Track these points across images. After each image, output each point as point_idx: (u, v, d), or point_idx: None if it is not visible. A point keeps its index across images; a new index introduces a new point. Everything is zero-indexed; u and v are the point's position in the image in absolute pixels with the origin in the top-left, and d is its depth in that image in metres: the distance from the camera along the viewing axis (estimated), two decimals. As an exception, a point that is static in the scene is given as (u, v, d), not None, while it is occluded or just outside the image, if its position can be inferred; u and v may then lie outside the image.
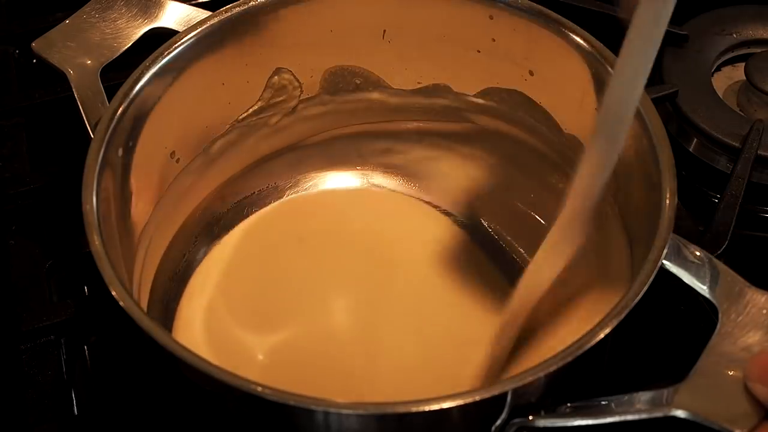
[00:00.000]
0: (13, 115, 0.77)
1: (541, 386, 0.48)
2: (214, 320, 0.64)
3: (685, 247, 0.54)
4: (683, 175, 0.75)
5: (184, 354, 0.47)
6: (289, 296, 0.65)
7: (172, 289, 0.65)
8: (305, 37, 0.68)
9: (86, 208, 0.53)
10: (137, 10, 0.66)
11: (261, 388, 0.45)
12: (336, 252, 0.68)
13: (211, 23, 0.63)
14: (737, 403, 0.46)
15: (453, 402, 0.45)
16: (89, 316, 0.64)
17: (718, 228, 0.68)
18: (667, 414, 0.46)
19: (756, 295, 0.51)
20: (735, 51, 0.83)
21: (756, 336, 0.49)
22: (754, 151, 0.73)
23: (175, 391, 0.58)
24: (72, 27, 0.65)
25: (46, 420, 0.59)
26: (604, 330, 0.48)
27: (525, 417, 0.49)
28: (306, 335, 0.63)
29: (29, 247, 0.68)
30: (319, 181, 0.73)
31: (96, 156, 0.56)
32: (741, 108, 0.79)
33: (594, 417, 0.48)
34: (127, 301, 0.49)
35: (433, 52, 0.69)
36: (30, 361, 0.62)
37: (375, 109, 0.73)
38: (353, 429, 0.48)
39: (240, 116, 0.69)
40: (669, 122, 0.77)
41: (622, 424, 0.47)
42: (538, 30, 0.64)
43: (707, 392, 0.46)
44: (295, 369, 0.61)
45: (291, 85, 0.70)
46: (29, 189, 0.72)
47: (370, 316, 0.64)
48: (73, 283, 0.68)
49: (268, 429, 0.51)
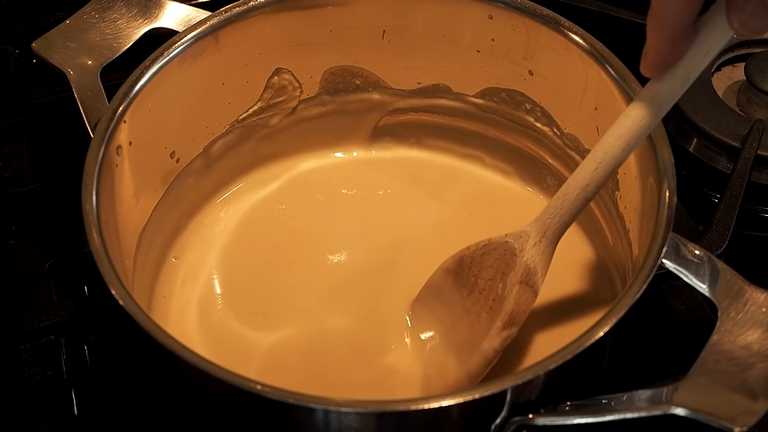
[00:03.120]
0: (12, 115, 0.77)
1: (541, 384, 0.48)
2: (211, 317, 0.64)
3: (684, 246, 0.54)
4: (683, 175, 0.75)
5: (184, 353, 0.47)
6: (289, 293, 0.65)
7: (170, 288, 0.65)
8: (305, 37, 0.68)
9: (86, 208, 0.53)
10: (137, 10, 0.67)
11: (261, 386, 0.46)
12: (335, 249, 0.68)
13: (211, 23, 0.63)
14: (737, 401, 0.46)
15: (453, 400, 0.45)
16: (89, 316, 0.64)
17: (718, 228, 0.68)
18: (667, 412, 0.46)
19: (755, 293, 0.51)
20: (735, 51, 0.83)
21: (755, 334, 0.49)
22: (754, 151, 0.73)
23: (175, 391, 0.58)
24: (72, 27, 0.66)
25: (46, 420, 0.59)
26: (604, 328, 0.48)
27: (525, 415, 0.49)
28: (305, 332, 0.63)
29: (29, 247, 0.68)
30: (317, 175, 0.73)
31: (96, 156, 0.56)
32: (741, 108, 0.79)
33: (594, 415, 0.48)
34: (127, 300, 0.49)
35: (433, 52, 0.69)
36: (30, 361, 0.62)
37: (375, 109, 0.73)
38: (353, 427, 0.48)
39: (240, 116, 0.69)
40: (669, 122, 0.77)
41: (622, 422, 0.47)
42: (537, 30, 0.64)
43: (707, 390, 0.46)
44: (293, 365, 0.61)
45: (291, 85, 0.70)
46: (29, 189, 0.72)
47: (373, 308, 0.64)
48: (73, 283, 0.68)
49: (268, 427, 0.51)
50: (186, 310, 0.64)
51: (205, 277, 0.66)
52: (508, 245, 0.59)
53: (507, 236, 0.59)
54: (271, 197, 0.71)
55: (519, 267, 0.58)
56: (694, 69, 0.50)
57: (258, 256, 0.67)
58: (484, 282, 0.59)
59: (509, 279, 0.58)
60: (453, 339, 0.60)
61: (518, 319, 0.58)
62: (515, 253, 0.58)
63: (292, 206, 0.71)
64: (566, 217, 0.57)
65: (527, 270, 0.58)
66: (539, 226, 0.58)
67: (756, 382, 0.47)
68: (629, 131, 0.53)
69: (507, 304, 0.58)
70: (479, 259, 0.60)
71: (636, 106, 0.53)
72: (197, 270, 0.66)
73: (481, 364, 0.57)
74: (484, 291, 0.59)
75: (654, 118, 0.53)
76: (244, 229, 0.69)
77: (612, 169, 0.55)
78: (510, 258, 0.58)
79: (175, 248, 0.67)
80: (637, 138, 0.53)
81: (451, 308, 0.61)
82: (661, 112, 0.52)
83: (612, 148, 0.54)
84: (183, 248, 0.68)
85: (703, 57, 0.50)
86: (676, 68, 0.50)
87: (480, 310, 0.59)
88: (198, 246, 0.68)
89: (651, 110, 0.52)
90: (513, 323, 0.57)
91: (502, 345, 0.57)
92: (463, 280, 0.60)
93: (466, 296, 0.60)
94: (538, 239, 0.58)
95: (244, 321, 0.63)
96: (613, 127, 0.54)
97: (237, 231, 0.69)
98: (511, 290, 0.58)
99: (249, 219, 0.70)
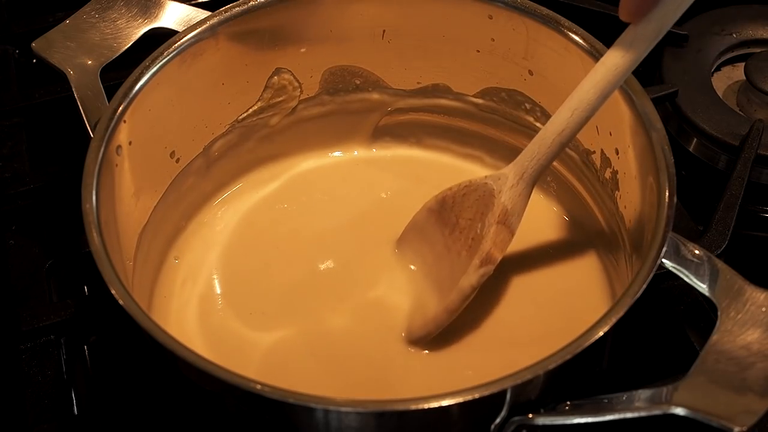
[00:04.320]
0: (12, 115, 0.77)
1: (541, 384, 0.48)
2: (211, 317, 0.64)
3: (684, 246, 0.54)
4: (683, 175, 0.75)
5: (184, 353, 0.47)
6: (289, 293, 0.65)
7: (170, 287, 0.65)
8: (305, 37, 0.68)
9: (86, 208, 0.53)
10: (137, 10, 0.67)
11: (260, 386, 0.46)
12: (335, 249, 0.68)
13: (211, 23, 0.63)
14: (737, 401, 0.46)
15: (452, 400, 0.45)
16: (89, 315, 0.64)
17: (718, 228, 0.68)
18: (667, 411, 0.46)
19: (755, 293, 0.51)
20: (735, 51, 0.83)
21: (755, 334, 0.49)
22: (754, 151, 0.73)
23: (175, 391, 0.58)
24: (72, 27, 0.66)
25: (46, 420, 0.60)
26: (604, 328, 0.48)
27: (525, 415, 0.49)
28: (305, 332, 0.63)
29: (29, 247, 0.68)
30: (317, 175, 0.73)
31: (96, 156, 0.56)
32: (741, 108, 0.80)
33: (594, 415, 0.48)
34: (127, 300, 0.49)
35: (433, 52, 0.69)
36: (30, 361, 0.62)
37: (375, 108, 0.73)
38: (353, 427, 0.48)
39: (240, 116, 0.69)
40: (669, 122, 0.78)
41: (622, 422, 0.47)
42: (537, 29, 0.64)
43: (706, 390, 0.46)
44: (293, 365, 0.61)
45: (291, 85, 0.70)
46: (29, 189, 0.72)
47: (372, 308, 0.64)
48: (73, 283, 0.68)
49: (268, 427, 0.51)
50: (186, 310, 0.64)
51: (205, 277, 0.66)
52: (488, 186, 0.61)
53: (486, 178, 0.62)
54: (272, 197, 0.71)
55: (497, 207, 0.61)
56: (668, 17, 0.53)
57: (258, 256, 0.67)
58: (464, 221, 0.62)
59: (487, 219, 0.61)
60: (434, 276, 0.63)
61: (495, 257, 0.61)
62: (494, 194, 0.61)
63: (292, 206, 0.71)
64: (543, 160, 0.59)
65: (505, 210, 0.60)
66: (517, 169, 0.60)
67: (756, 382, 0.47)
68: (604, 79, 0.56)
69: (485, 243, 0.60)
70: (460, 200, 0.63)
71: (612, 54, 0.56)
72: (197, 270, 0.66)
73: (458, 299, 0.60)
74: (464, 230, 0.62)
75: (629, 66, 0.55)
76: (244, 229, 0.69)
77: (587, 115, 0.57)
78: (489, 199, 0.61)
79: (175, 248, 0.67)
80: (613, 85, 0.56)
81: (433, 247, 0.64)
82: (635, 59, 0.55)
83: (588, 95, 0.56)
84: (183, 248, 0.68)
85: (677, 7, 0.53)
86: (651, 14, 0.53)
87: (460, 249, 0.62)
88: (198, 246, 0.68)
89: (626, 58, 0.55)
90: (489, 261, 0.60)
91: (479, 281, 0.60)
92: (445, 219, 0.63)
93: (448, 235, 0.63)
94: (515, 181, 0.60)
95: (244, 321, 0.63)
96: (589, 75, 0.56)
97: (237, 231, 0.69)
98: (489, 230, 0.61)
99: (249, 219, 0.70)
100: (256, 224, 0.69)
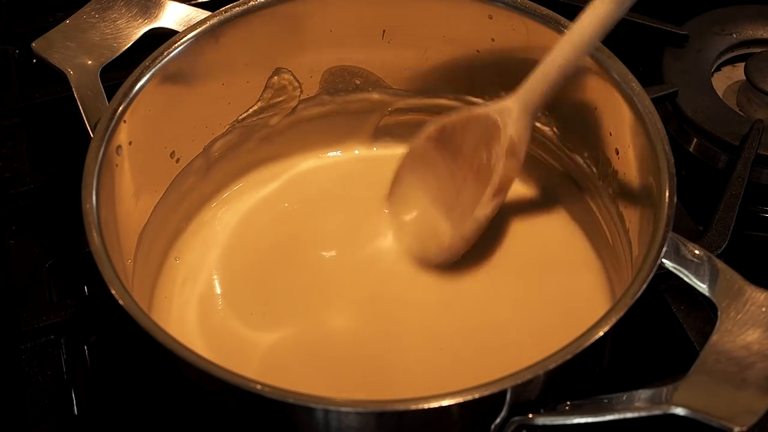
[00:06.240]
0: (12, 115, 0.77)
1: (541, 384, 0.48)
2: (211, 317, 0.64)
3: (684, 246, 0.54)
4: (683, 175, 0.75)
5: (184, 353, 0.47)
6: (289, 293, 0.65)
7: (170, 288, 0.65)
8: (305, 37, 0.68)
9: (86, 208, 0.53)
10: (137, 10, 0.67)
11: (260, 386, 0.46)
12: (335, 249, 0.68)
13: (211, 23, 0.63)
14: (737, 401, 0.46)
15: (452, 399, 0.45)
16: (89, 315, 0.64)
17: (718, 228, 0.68)
18: (667, 411, 0.46)
19: (755, 293, 0.51)
20: (735, 51, 0.83)
21: (755, 334, 0.49)
22: (754, 151, 0.73)
23: (175, 391, 0.58)
24: (72, 27, 0.66)
25: (46, 420, 0.59)
26: (604, 328, 0.48)
27: (525, 415, 0.49)
28: (305, 332, 0.63)
29: (29, 247, 0.68)
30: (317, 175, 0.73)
31: (96, 156, 0.56)
32: (741, 108, 0.79)
33: (594, 415, 0.48)
34: (127, 300, 0.49)
35: (433, 52, 0.69)
36: (30, 361, 0.62)
37: (375, 109, 0.73)
38: (353, 427, 0.48)
39: (240, 116, 0.69)
40: (669, 122, 0.77)
41: (622, 422, 0.47)
42: (537, 30, 0.64)
43: (706, 390, 0.46)
44: (293, 365, 0.61)
45: (291, 85, 0.70)
46: (29, 189, 0.72)
47: (373, 308, 0.64)
48: (73, 283, 0.68)
49: (268, 427, 0.51)
50: (186, 310, 0.64)
51: (205, 277, 0.66)
52: (491, 118, 0.63)
53: (488, 109, 0.64)
54: (272, 197, 0.71)
55: (504, 140, 0.62)
56: None
57: (258, 256, 0.67)
58: (468, 148, 0.65)
59: (495, 151, 0.63)
60: (441, 202, 0.66)
61: (506, 186, 0.64)
62: (498, 126, 0.63)
63: (292, 206, 0.71)
64: (546, 92, 0.61)
65: (512, 143, 0.62)
66: (520, 103, 0.62)
67: (756, 381, 0.47)
68: (605, 12, 0.58)
69: (495, 175, 0.63)
70: (461, 128, 0.65)
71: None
72: (197, 270, 0.66)
73: (475, 229, 0.64)
74: (468, 157, 0.65)
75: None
76: (244, 229, 0.69)
77: (587, 48, 0.59)
78: (494, 131, 0.63)
79: (175, 248, 0.67)
80: (613, 20, 0.58)
81: (436, 171, 0.67)
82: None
83: (588, 30, 0.59)
84: (183, 248, 0.68)
85: None
86: None
87: (466, 175, 0.65)
88: (198, 246, 0.68)
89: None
90: (502, 191, 0.64)
91: (493, 212, 0.64)
92: (446, 145, 0.65)
93: (451, 161, 0.66)
94: (519, 114, 0.62)
95: (244, 321, 0.63)
96: (588, 8, 0.58)
97: (237, 231, 0.69)
98: (498, 162, 0.63)
99: (249, 219, 0.70)
100: (256, 224, 0.69)
